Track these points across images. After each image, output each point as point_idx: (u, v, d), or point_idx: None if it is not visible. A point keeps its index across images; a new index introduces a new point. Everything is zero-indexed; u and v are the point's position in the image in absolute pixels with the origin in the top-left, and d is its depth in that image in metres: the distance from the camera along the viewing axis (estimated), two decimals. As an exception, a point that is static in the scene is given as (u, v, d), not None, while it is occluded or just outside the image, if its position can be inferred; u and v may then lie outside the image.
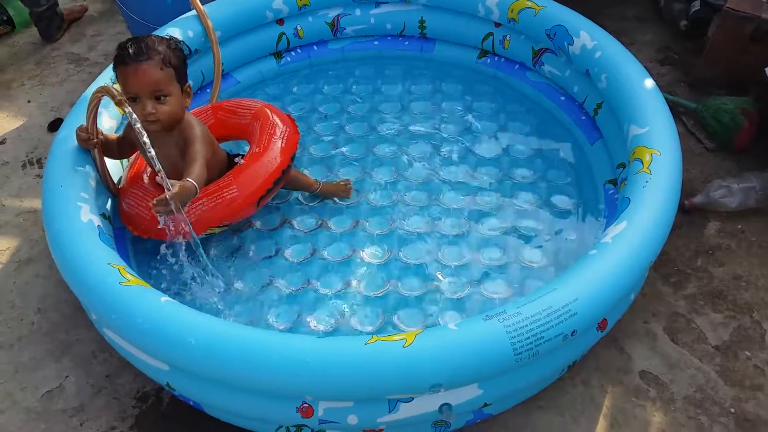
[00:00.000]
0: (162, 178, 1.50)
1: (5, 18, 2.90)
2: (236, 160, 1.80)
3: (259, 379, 1.31)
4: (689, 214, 1.96)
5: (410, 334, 1.31)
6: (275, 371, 1.29)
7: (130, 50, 1.56)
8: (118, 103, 1.53)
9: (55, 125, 2.46)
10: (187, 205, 1.62)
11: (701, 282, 1.81)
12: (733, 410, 1.55)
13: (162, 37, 1.67)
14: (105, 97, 1.60)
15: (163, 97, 1.59)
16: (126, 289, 1.41)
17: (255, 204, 1.76)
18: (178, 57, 1.64)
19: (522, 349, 1.30)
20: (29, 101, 2.60)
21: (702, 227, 1.94)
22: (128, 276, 1.45)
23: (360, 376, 1.28)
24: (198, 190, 1.55)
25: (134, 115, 1.52)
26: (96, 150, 1.72)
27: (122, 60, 1.56)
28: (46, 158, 2.29)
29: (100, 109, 1.83)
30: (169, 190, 1.46)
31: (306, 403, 1.35)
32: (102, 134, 1.73)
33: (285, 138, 1.84)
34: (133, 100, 1.58)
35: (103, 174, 1.78)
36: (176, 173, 1.62)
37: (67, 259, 1.51)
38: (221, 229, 1.81)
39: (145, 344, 1.39)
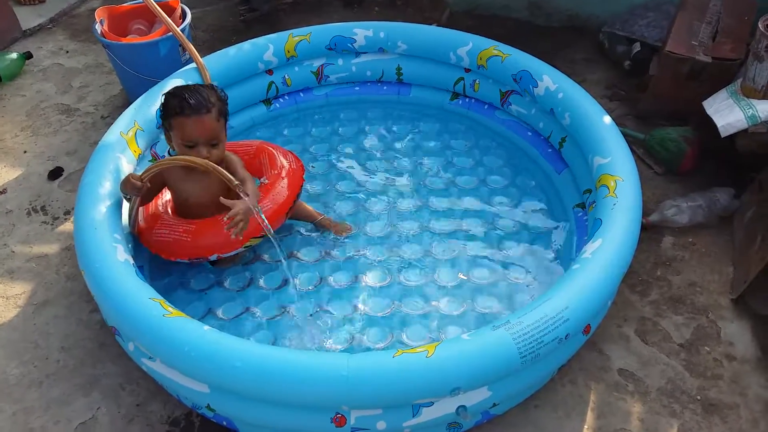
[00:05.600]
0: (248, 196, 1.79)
1: (-8, 71, 3.00)
2: (261, 179, 2.02)
3: (300, 394, 1.47)
4: (647, 230, 2.23)
5: (431, 345, 1.50)
6: (316, 385, 1.45)
7: (191, 102, 1.79)
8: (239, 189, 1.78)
9: (55, 173, 2.56)
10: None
11: (662, 289, 2.08)
12: (699, 397, 1.80)
13: (212, 87, 1.90)
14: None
15: (216, 143, 1.84)
16: (171, 320, 1.56)
17: (285, 214, 2.00)
18: (226, 107, 1.89)
19: (526, 352, 1.51)
20: (25, 151, 2.70)
21: (658, 242, 2.22)
22: (169, 309, 1.60)
23: (392, 385, 1.46)
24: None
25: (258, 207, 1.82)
26: (138, 197, 1.90)
27: (183, 111, 1.79)
28: (50, 205, 2.44)
29: (119, 155, 2.01)
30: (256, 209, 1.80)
31: (340, 413, 1.52)
32: (148, 184, 1.89)
33: (292, 161, 2.12)
34: (190, 146, 1.82)
35: (135, 217, 1.95)
36: (217, 204, 1.83)
37: (109, 296, 1.64)
38: (258, 240, 1.96)
39: (193, 370, 1.53)
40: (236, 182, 1.77)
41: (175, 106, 1.82)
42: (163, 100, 1.89)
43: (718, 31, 2.52)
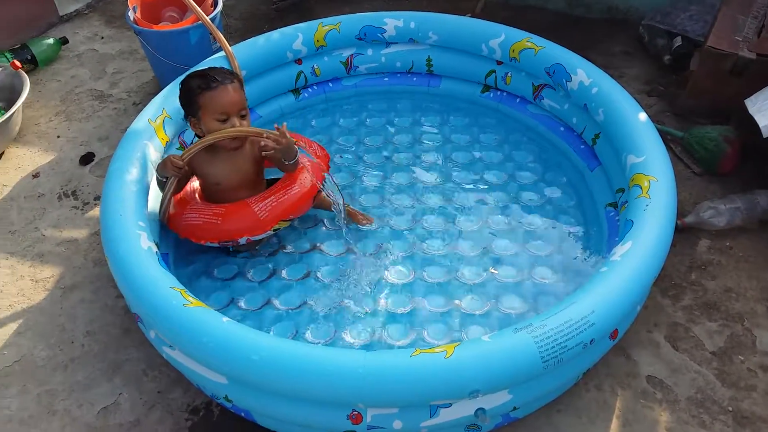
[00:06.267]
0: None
1: (29, 57, 3.03)
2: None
3: (316, 390, 1.45)
4: (682, 232, 2.15)
5: (450, 346, 1.47)
6: (331, 381, 1.43)
7: (216, 76, 1.84)
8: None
9: (86, 159, 2.59)
10: (258, 203, 1.91)
11: (696, 294, 2.01)
12: (730, 409, 1.73)
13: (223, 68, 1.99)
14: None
15: (245, 114, 1.88)
16: (190, 310, 1.56)
17: (313, 198, 2.01)
18: (242, 79, 1.97)
19: (548, 356, 1.46)
20: (58, 136, 2.73)
21: (694, 245, 2.14)
22: (190, 298, 1.60)
23: (408, 384, 1.43)
24: (297, 157, 1.91)
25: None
26: (175, 179, 1.92)
27: (210, 86, 1.82)
28: (81, 190, 2.47)
29: (146, 142, 2.02)
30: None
31: (356, 411, 1.50)
32: (186, 166, 1.91)
33: (316, 149, 2.14)
34: (223, 121, 1.84)
35: (168, 201, 1.96)
36: (249, 184, 1.91)
37: (131, 283, 1.65)
38: (286, 223, 1.98)
39: (210, 361, 1.53)
40: (293, 140, 1.84)
41: (200, 84, 1.84)
42: (182, 87, 1.90)
43: (764, 26, 2.41)
